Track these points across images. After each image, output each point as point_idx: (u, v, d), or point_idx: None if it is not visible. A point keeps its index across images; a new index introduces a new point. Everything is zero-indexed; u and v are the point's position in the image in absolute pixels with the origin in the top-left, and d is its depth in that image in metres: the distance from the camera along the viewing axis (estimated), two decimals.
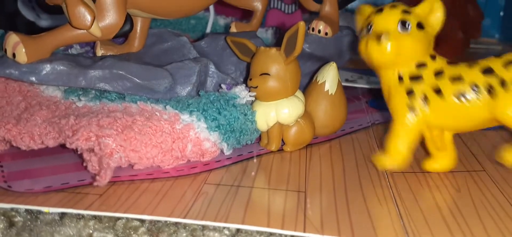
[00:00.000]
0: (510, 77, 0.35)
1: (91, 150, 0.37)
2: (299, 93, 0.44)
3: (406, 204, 0.35)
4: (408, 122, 0.37)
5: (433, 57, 0.38)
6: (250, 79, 0.43)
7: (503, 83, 0.35)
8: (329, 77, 0.46)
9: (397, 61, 0.37)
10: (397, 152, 0.38)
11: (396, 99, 0.38)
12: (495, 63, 0.36)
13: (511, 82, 0.35)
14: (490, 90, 0.35)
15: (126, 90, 0.42)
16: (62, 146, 0.39)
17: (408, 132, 0.38)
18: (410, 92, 0.37)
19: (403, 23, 0.37)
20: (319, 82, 0.46)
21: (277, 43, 0.54)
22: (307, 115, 0.45)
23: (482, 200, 0.36)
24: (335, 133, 0.49)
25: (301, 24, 0.40)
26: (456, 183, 0.38)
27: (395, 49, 0.36)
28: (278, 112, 0.43)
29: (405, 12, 0.37)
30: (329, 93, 0.46)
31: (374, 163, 0.40)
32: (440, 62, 0.38)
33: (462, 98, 0.36)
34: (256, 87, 0.42)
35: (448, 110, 0.37)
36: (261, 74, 0.42)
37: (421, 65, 0.38)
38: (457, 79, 0.36)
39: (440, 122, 0.38)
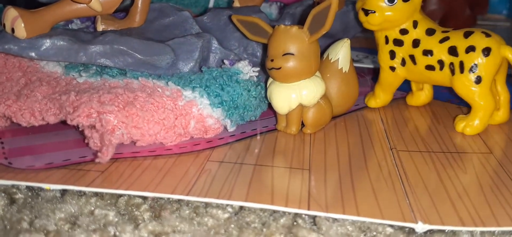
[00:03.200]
0: (468, 61, 0.42)
1: (93, 127, 0.36)
2: (317, 73, 0.43)
3: (411, 182, 0.34)
4: (389, 76, 0.47)
5: (415, 24, 0.45)
6: (272, 60, 0.40)
7: (461, 65, 0.42)
8: (342, 55, 0.45)
9: (383, 27, 0.45)
10: (379, 96, 0.49)
11: (382, 56, 0.47)
12: (461, 45, 0.43)
13: (467, 67, 0.42)
14: (452, 69, 0.43)
15: (127, 66, 0.41)
16: (63, 122, 0.38)
17: (389, 82, 0.48)
18: (392, 54, 0.46)
19: None
20: (331, 60, 0.45)
21: (282, 18, 0.53)
22: (325, 94, 0.43)
23: (488, 181, 0.35)
24: None
25: (335, 0, 0.38)
26: (463, 164, 0.38)
27: (379, 21, 0.44)
28: (301, 93, 0.41)
29: None
30: (343, 71, 0.45)
31: (365, 101, 0.50)
32: (420, 31, 0.45)
33: (430, 69, 0.45)
34: (279, 68, 0.40)
35: (419, 73, 0.46)
36: (284, 54, 0.40)
37: (404, 31, 0.45)
38: (428, 53, 0.44)
39: (413, 78, 0.48)
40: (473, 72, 0.42)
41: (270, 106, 0.44)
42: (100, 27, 0.46)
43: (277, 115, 0.43)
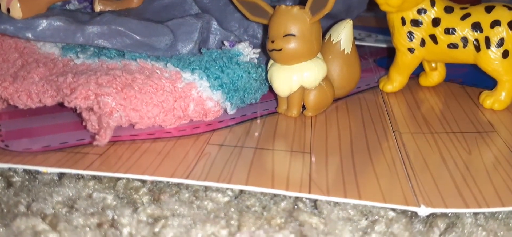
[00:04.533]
0: (494, 36, 0.42)
1: (90, 109, 0.36)
2: (319, 54, 0.42)
3: (414, 165, 0.34)
4: (407, 58, 0.46)
5: (433, 3, 0.44)
6: (273, 42, 0.39)
7: (487, 40, 0.42)
8: (344, 36, 0.44)
9: (402, 8, 0.44)
10: (396, 80, 0.48)
11: (399, 39, 0.45)
12: (484, 20, 0.42)
13: (493, 42, 0.42)
14: (476, 45, 0.43)
15: (125, 47, 0.41)
16: (61, 105, 0.38)
17: (407, 65, 0.46)
18: (410, 34, 0.45)
19: None
20: (333, 42, 0.44)
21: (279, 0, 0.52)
22: (326, 77, 0.42)
23: (492, 161, 0.35)
24: None
25: None
26: (467, 144, 0.37)
27: (399, 2, 0.43)
28: (302, 75, 0.40)
29: None
30: (345, 52, 0.44)
31: (379, 86, 0.49)
32: (438, 9, 0.44)
33: (452, 47, 0.44)
34: (280, 50, 0.39)
35: (440, 53, 0.45)
36: (285, 36, 0.39)
37: (421, 11, 0.44)
38: (450, 31, 0.43)
39: (433, 58, 0.47)
40: (500, 46, 0.42)
41: (270, 88, 0.43)
42: (98, 7, 0.46)
43: (278, 98, 0.43)
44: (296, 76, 0.40)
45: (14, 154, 0.34)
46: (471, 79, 0.51)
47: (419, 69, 0.49)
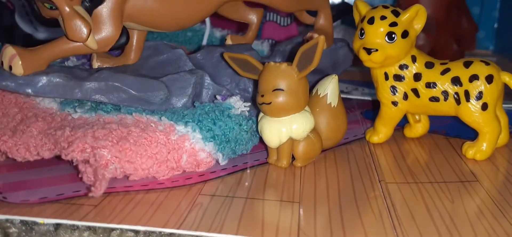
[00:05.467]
0: (473, 89, 0.44)
1: (87, 161, 0.37)
2: (307, 107, 0.44)
3: (400, 216, 0.35)
4: (391, 111, 0.48)
5: (414, 59, 0.46)
6: (263, 96, 0.41)
7: (466, 94, 0.45)
8: (330, 90, 0.46)
9: (384, 64, 0.46)
10: (381, 131, 0.50)
11: (382, 93, 0.48)
12: (463, 74, 0.45)
13: (473, 95, 0.44)
14: (457, 98, 0.45)
15: (121, 102, 0.43)
16: (58, 157, 0.39)
17: (391, 117, 0.49)
18: (393, 89, 0.47)
19: (390, 36, 0.44)
20: (320, 95, 0.46)
21: (273, 55, 0.55)
22: (314, 128, 0.44)
23: (475, 211, 0.36)
24: None
25: (322, 38, 0.40)
26: (450, 193, 0.39)
27: (381, 59, 0.45)
28: (291, 127, 0.42)
29: (393, 24, 0.44)
30: (332, 105, 0.46)
31: (366, 137, 0.51)
32: (419, 64, 0.46)
33: (434, 100, 0.46)
34: (270, 103, 0.41)
35: (423, 106, 0.47)
36: (274, 90, 0.41)
37: (403, 66, 0.46)
38: (431, 85, 0.46)
39: (416, 111, 0.49)
40: (479, 99, 0.44)
41: (261, 140, 0.45)
42: (96, 64, 0.48)
43: (268, 148, 0.44)
44: (285, 128, 0.42)
45: (12, 206, 0.35)
46: (454, 130, 0.53)
47: (404, 121, 0.51)
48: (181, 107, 0.44)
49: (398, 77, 0.47)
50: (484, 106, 0.44)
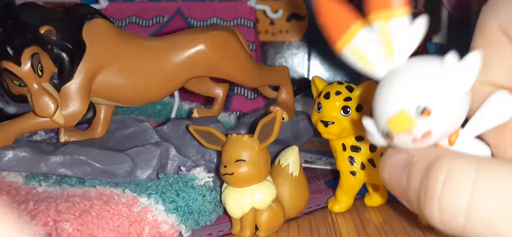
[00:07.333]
0: None
1: (49, 235, 0.37)
2: (269, 177, 0.45)
3: None
4: (350, 180, 0.50)
5: None
6: (225, 166, 0.43)
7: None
8: (292, 160, 0.48)
9: (341, 136, 0.48)
10: (342, 200, 0.51)
11: (341, 163, 0.50)
12: None
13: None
14: None
15: (86, 175, 0.43)
16: None
17: (350, 187, 0.50)
18: (351, 159, 0.49)
19: (345, 109, 0.47)
20: (282, 166, 0.48)
21: (238, 127, 0.57)
22: (277, 198, 0.45)
23: None
24: None
25: (279, 112, 0.42)
26: None
27: (338, 131, 0.47)
28: (254, 197, 0.43)
29: (347, 99, 0.46)
30: (293, 175, 0.48)
31: (328, 206, 0.52)
32: None
33: None
34: (232, 174, 0.42)
35: (379, 175, 0.46)
36: (236, 161, 0.43)
37: (359, 138, 0.48)
38: None
39: (374, 181, 0.51)
40: None
41: (226, 210, 0.46)
42: (63, 138, 0.49)
43: (232, 219, 0.45)
44: (248, 198, 0.43)
45: None
46: None
47: (365, 190, 0.53)
48: (145, 179, 0.45)
49: (355, 148, 0.49)
50: None
